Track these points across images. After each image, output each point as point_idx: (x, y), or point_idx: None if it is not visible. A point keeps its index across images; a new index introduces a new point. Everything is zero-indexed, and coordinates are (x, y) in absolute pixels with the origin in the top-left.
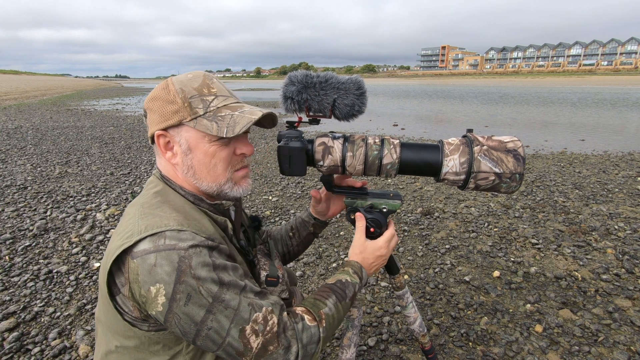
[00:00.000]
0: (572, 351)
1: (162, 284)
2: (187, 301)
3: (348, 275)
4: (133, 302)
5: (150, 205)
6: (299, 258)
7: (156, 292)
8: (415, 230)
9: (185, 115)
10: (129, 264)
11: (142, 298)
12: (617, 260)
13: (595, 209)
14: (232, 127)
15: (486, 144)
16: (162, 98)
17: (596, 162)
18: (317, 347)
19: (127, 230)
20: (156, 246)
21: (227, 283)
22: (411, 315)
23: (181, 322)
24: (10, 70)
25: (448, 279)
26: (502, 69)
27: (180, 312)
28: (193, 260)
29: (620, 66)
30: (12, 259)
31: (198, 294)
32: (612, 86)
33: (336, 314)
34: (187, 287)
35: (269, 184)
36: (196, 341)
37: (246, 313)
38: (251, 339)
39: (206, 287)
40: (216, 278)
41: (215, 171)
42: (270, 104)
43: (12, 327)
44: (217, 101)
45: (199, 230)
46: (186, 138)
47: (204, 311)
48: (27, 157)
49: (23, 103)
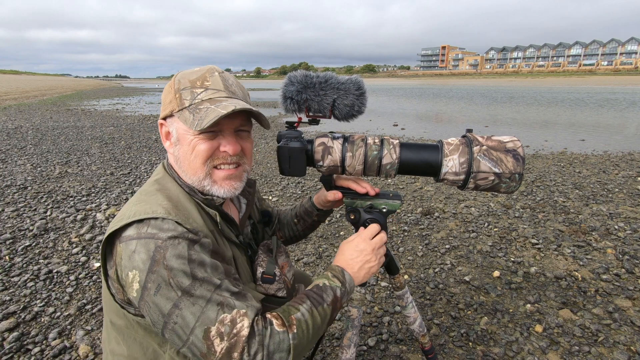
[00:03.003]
0: (572, 351)
1: (137, 270)
2: (157, 291)
3: (327, 279)
4: (118, 285)
5: (147, 192)
6: (299, 257)
7: (132, 278)
8: (415, 230)
9: (175, 106)
10: (117, 247)
11: (122, 281)
12: (617, 260)
13: (595, 209)
14: (200, 121)
15: (486, 144)
16: (167, 89)
17: (596, 162)
18: (287, 356)
19: (121, 214)
20: (138, 233)
21: (200, 279)
22: (411, 315)
23: (151, 310)
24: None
25: (448, 279)
26: (502, 69)
27: (150, 300)
28: (168, 251)
29: (621, 66)
30: (12, 259)
31: (167, 286)
32: (612, 86)
33: (310, 319)
34: (158, 277)
35: (269, 184)
36: (164, 333)
37: (213, 313)
38: (215, 342)
39: (177, 279)
40: (188, 272)
41: (194, 164)
42: (270, 104)
43: (12, 327)
44: (205, 94)
45: (184, 221)
46: (176, 129)
47: (171, 304)
48: (27, 157)
49: (23, 103)
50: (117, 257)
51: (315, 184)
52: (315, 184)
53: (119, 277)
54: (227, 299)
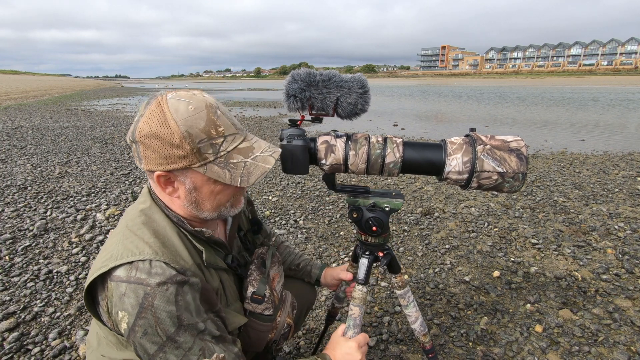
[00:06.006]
0: (572, 351)
1: (126, 312)
2: (143, 335)
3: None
4: (108, 316)
5: (133, 225)
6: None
7: (122, 317)
8: (415, 230)
9: (194, 161)
10: (108, 285)
11: (112, 317)
12: (617, 260)
13: (595, 209)
14: (246, 177)
15: (489, 144)
16: (164, 139)
17: (596, 162)
18: None
19: (109, 251)
20: (128, 277)
21: (185, 325)
22: (412, 314)
23: (137, 348)
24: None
25: (448, 279)
26: (502, 69)
27: (137, 341)
28: (157, 299)
29: (620, 66)
30: (12, 259)
31: (154, 332)
32: (613, 86)
33: None
34: (145, 323)
35: (269, 184)
36: None
37: (194, 357)
38: None
39: (162, 327)
40: (175, 319)
41: (219, 203)
42: (270, 104)
43: (12, 327)
44: (227, 144)
45: (172, 260)
46: (192, 180)
47: (156, 347)
48: (27, 157)
49: (23, 103)
50: (108, 292)
51: (315, 184)
52: (315, 184)
53: (110, 311)
54: (208, 343)
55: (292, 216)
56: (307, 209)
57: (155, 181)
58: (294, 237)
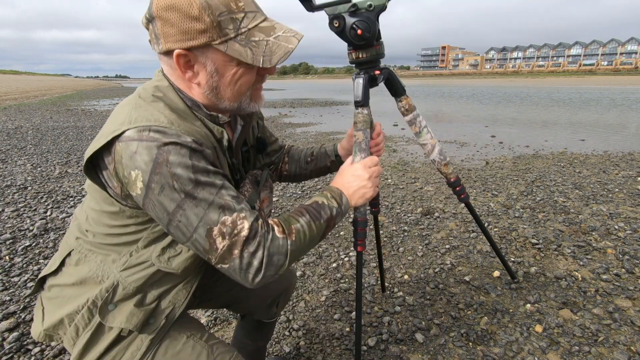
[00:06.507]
0: (572, 351)
1: (140, 170)
2: (161, 192)
3: (325, 199)
4: (117, 180)
5: (146, 97)
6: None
7: (135, 177)
8: (415, 230)
9: (215, 37)
10: (117, 147)
11: (124, 179)
12: (617, 260)
13: (595, 209)
14: (268, 57)
15: None
16: (183, 10)
17: (596, 162)
18: (284, 259)
19: (120, 118)
20: (140, 136)
21: (203, 182)
22: (428, 142)
23: (155, 208)
24: (10, 71)
25: (448, 279)
26: (502, 69)
27: (155, 199)
28: (171, 155)
29: (621, 66)
30: (12, 259)
31: (171, 188)
32: (613, 86)
33: (308, 231)
34: (162, 179)
35: None
36: (169, 229)
37: (215, 215)
38: (217, 240)
39: (180, 183)
40: (192, 177)
41: (240, 91)
42: (270, 104)
43: (12, 327)
44: (247, 20)
45: (188, 132)
46: (213, 60)
47: (175, 205)
48: (27, 157)
49: (23, 103)
50: (116, 155)
51: (315, 184)
52: (315, 184)
53: (118, 174)
54: (228, 202)
55: None
56: None
57: (174, 64)
58: None
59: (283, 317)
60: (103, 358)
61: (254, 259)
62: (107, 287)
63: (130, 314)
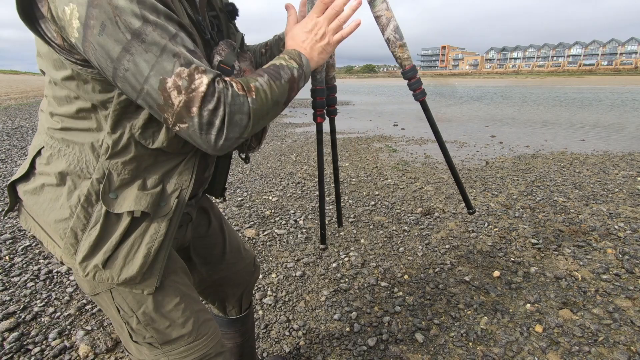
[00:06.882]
0: (572, 351)
1: (75, 4)
2: (102, 31)
3: (283, 60)
4: (54, 26)
5: None
6: (299, 258)
7: (70, 14)
8: (415, 230)
9: None
10: None
11: (60, 21)
12: (617, 260)
13: (595, 209)
14: None
15: None
16: None
17: (596, 162)
18: (247, 120)
19: None
20: None
21: (153, 22)
22: (382, 14)
23: (97, 54)
24: (11, 71)
25: (448, 279)
26: (502, 69)
27: (95, 41)
28: None
29: (621, 66)
30: (12, 259)
31: (114, 25)
32: (613, 86)
33: (269, 90)
34: (102, 13)
35: (269, 184)
36: (115, 81)
37: (169, 64)
38: (172, 94)
39: (124, 18)
40: (138, 12)
41: None
42: None
43: (12, 327)
44: None
45: None
46: None
47: (120, 47)
48: (27, 157)
49: (23, 103)
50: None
51: (315, 184)
52: (315, 184)
53: (54, 16)
54: (184, 52)
55: (292, 216)
56: (308, 209)
57: None
58: (294, 237)
59: (283, 317)
60: (120, 247)
61: (215, 117)
62: (98, 179)
63: (137, 197)
